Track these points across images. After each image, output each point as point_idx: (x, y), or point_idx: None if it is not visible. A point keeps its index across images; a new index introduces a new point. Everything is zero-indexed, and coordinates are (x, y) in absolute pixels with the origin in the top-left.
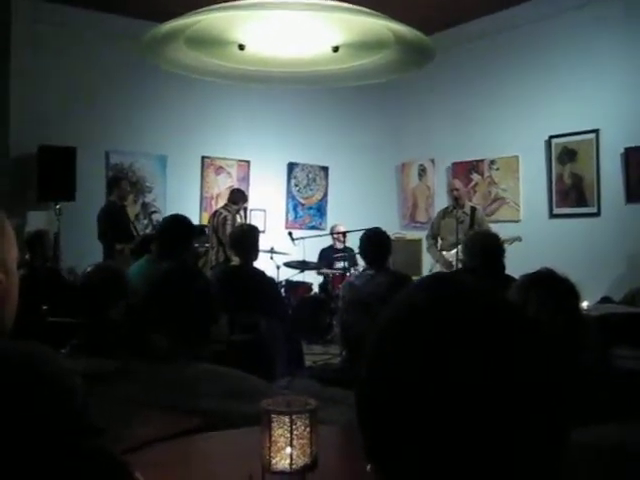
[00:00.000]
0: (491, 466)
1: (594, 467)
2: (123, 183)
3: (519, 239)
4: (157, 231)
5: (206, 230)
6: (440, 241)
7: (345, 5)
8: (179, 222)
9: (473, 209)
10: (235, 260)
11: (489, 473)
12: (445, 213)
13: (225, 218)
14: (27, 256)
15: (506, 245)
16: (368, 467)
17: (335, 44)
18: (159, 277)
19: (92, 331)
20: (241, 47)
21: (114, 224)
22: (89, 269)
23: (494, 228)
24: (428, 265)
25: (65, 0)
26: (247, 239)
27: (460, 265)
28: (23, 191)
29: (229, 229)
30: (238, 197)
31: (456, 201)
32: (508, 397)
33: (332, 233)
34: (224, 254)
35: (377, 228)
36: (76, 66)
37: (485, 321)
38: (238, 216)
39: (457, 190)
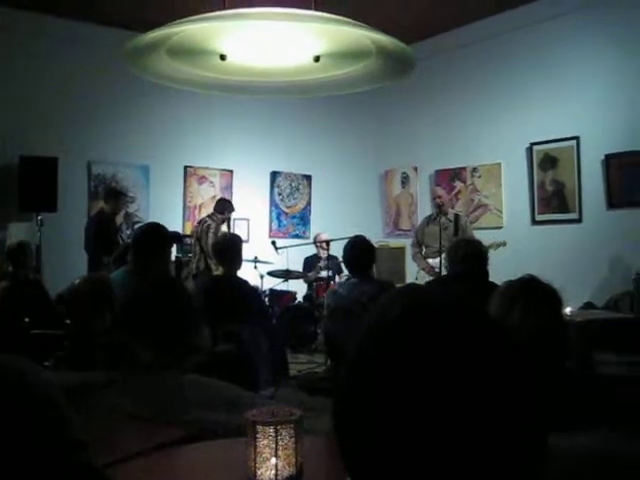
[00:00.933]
0: (467, 475)
1: (577, 474)
2: (123, 199)
3: (504, 244)
4: (132, 241)
5: (188, 240)
6: (424, 249)
7: (326, 15)
8: (153, 231)
9: (457, 216)
10: (217, 269)
11: None
12: (429, 221)
13: (209, 227)
14: (9, 268)
15: (492, 250)
16: (348, 479)
17: (316, 54)
18: (135, 290)
19: (78, 342)
20: (222, 57)
21: (102, 234)
22: (77, 280)
23: (477, 235)
24: (412, 273)
25: (47, 10)
26: (230, 249)
27: (444, 272)
28: (4, 202)
29: (212, 237)
30: (224, 206)
31: (439, 208)
32: (480, 405)
33: (315, 242)
34: (205, 262)
35: (361, 236)
36: (57, 76)
37: (457, 330)
38: (224, 225)
39: (440, 198)
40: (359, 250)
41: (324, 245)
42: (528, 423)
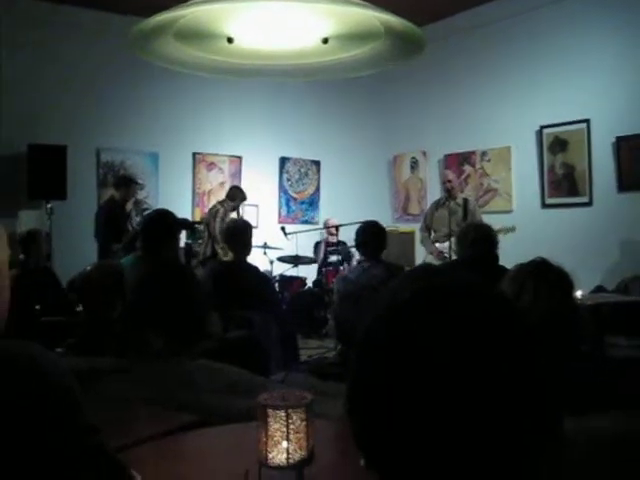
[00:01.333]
0: (480, 456)
1: (590, 456)
2: (134, 186)
3: (513, 229)
4: (141, 227)
5: (198, 226)
6: (433, 233)
7: None
8: (161, 217)
9: (465, 200)
10: (225, 255)
11: (479, 463)
12: (438, 205)
13: (217, 212)
14: (21, 256)
15: (500, 235)
16: (362, 461)
17: (324, 36)
18: (143, 278)
19: (89, 329)
20: (230, 40)
21: (113, 222)
22: (89, 268)
23: (486, 219)
24: (422, 257)
25: None
26: (240, 234)
27: (454, 256)
28: (14, 190)
29: (219, 223)
30: (235, 194)
31: (449, 192)
32: (493, 388)
33: (325, 227)
34: (212, 248)
35: (373, 220)
36: (66, 64)
37: (468, 312)
38: (235, 213)
39: (450, 182)
40: (372, 234)
41: (333, 230)
42: (541, 405)
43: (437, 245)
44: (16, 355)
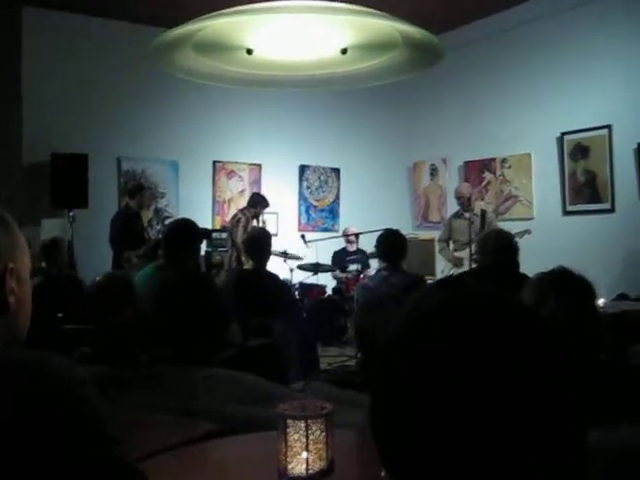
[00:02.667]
0: (506, 467)
1: (613, 467)
2: (146, 192)
3: (529, 232)
4: (162, 237)
5: (217, 234)
6: (452, 244)
7: (352, 7)
8: (183, 226)
9: (483, 212)
10: (247, 263)
11: (504, 474)
12: (456, 216)
13: (239, 220)
14: (43, 264)
15: (517, 239)
16: (382, 473)
17: (343, 46)
18: (164, 287)
19: (101, 338)
20: (249, 51)
21: (127, 230)
22: (98, 278)
23: (507, 226)
24: (442, 265)
25: (75, 8)
26: (259, 243)
27: (473, 264)
28: (37, 199)
29: (241, 231)
30: (256, 201)
31: (462, 207)
32: (521, 401)
33: (345, 235)
34: (237, 257)
35: (393, 229)
36: (86, 74)
37: (495, 323)
38: (255, 220)
39: (459, 199)
40: (392, 242)
41: (352, 238)
42: (569, 416)
43: (455, 254)
44: (34, 364)
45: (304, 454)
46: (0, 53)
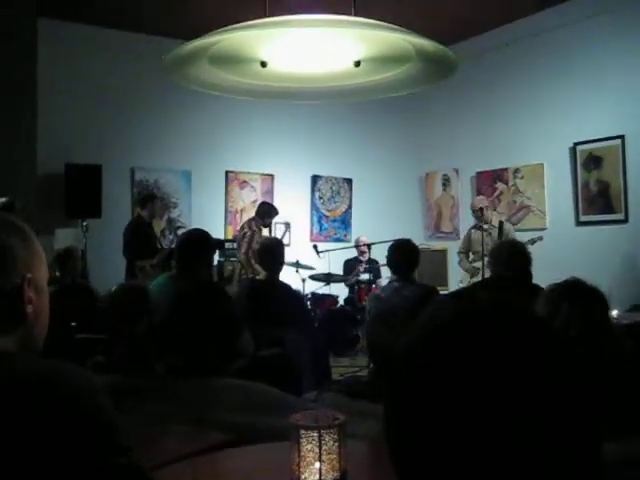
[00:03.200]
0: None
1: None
2: (157, 202)
3: (540, 238)
4: (175, 247)
5: (229, 244)
6: (472, 255)
7: (365, 20)
8: (197, 237)
9: (501, 223)
10: (256, 275)
11: None
12: (474, 227)
13: (244, 234)
14: (57, 273)
15: (529, 246)
16: None
17: (357, 59)
18: (177, 297)
19: (115, 348)
20: (263, 64)
21: (140, 239)
22: (114, 288)
23: (520, 237)
24: (456, 275)
25: (89, 20)
26: (272, 252)
27: (487, 275)
28: (51, 209)
29: (245, 247)
30: (265, 211)
31: (479, 219)
32: (537, 413)
33: (357, 245)
34: (245, 271)
35: (405, 239)
36: (100, 85)
37: (508, 335)
38: (267, 230)
39: (474, 212)
40: (403, 252)
41: (364, 248)
42: (583, 427)
43: (474, 264)
44: (48, 374)
45: (317, 464)
46: (15, 64)
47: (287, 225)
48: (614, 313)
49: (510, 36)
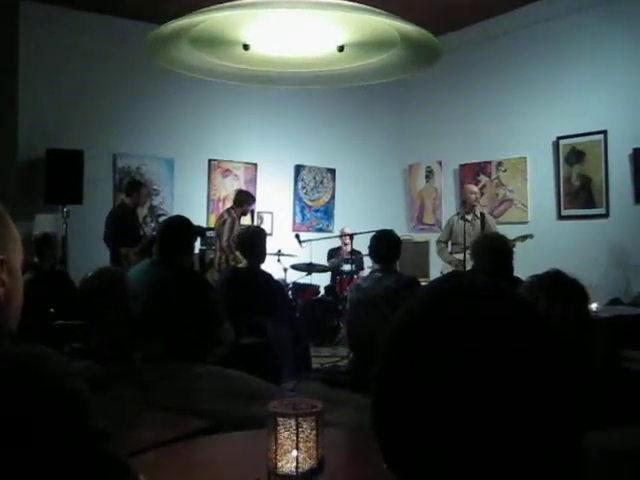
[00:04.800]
0: (505, 468)
1: (604, 472)
2: (143, 190)
3: (531, 236)
4: (157, 233)
5: (211, 233)
6: (450, 246)
7: (350, 4)
8: (178, 224)
9: (482, 215)
10: (236, 263)
11: (502, 471)
12: (458, 217)
13: (224, 222)
14: (35, 259)
15: (518, 242)
16: (384, 465)
17: (340, 43)
18: (157, 283)
19: (92, 334)
20: (245, 47)
21: (123, 226)
22: (90, 273)
23: (503, 230)
24: (437, 267)
25: (71, 4)
26: (255, 242)
27: (468, 267)
28: (31, 194)
29: (227, 234)
30: (242, 199)
31: (465, 204)
32: (523, 397)
33: (339, 235)
34: (225, 257)
35: (388, 229)
36: (83, 69)
37: (498, 317)
38: (247, 219)
39: (474, 193)
40: (385, 243)
41: (347, 240)
42: (571, 415)
43: (455, 256)
44: (26, 358)
45: (294, 452)
46: None
47: (258, 215)
48: (594, 306)
49: (495, 29)
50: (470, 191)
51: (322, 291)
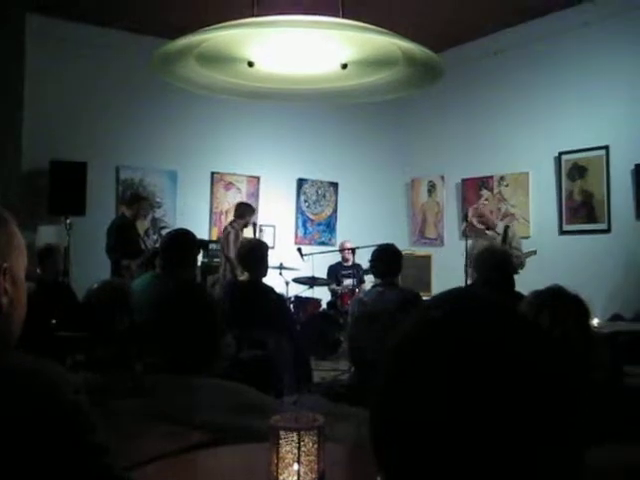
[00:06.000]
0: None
1: None
2: (144, 203)
3: (534, 252)
4: (160, 246)
5: (213, 245)
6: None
7: (353, 23)
8: (182, 237)
9: (506, 227)
10: (242, 275)
11: None
12: (479, 236)
13: (228, 234)
14: (38, 270)
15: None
16: (379, 478)
17: (344, 61)
18: (160, 296)
19: (95, 346)
20: (250, 64)
21: (124, 238)
22: (94, 286)
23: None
24: (438, 281)
25: (77, 17)
26: (256, 255)
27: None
28: (34, 205)
29: (232, 246)
30: (244, 211)
31: (484, 223)
32: (527, 413)
33: (341, 249)
34: (230, 270)
35: (389, 244)
36: (87, 82)
37: (503, 335)
38: (249, 231)
39: (481, 217)
40: (387, 258)
41: (348, 255)
42: (576, 431)
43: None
44: (28, 371)
45: (295, 466)
46: (3, 60)
47: (254, 225)
48: (595, 322)
49: (498, 45)
50: (488, 209)
51: (324, 305)
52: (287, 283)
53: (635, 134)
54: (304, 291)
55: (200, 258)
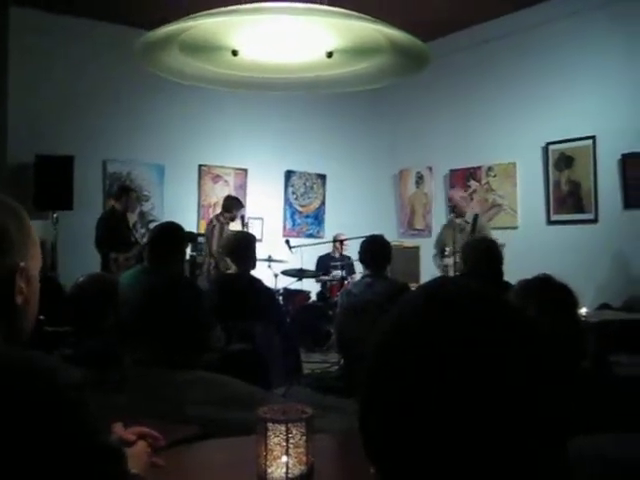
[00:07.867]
0: (491, 471)
1: (592, 477)
2: (133, 195)
3: (502, 246)
4: (148, 240)
5: (201, 239)
6: (446, 250)
7: (339, 10)
8: (170, 230)
9: (475, 216)
10: (226, 269)
11: (490, 474)
12: (448, 223)
13: (213, 227)
14: None
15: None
16: (372, 470)
17: (329, 49)
18: (148, 290)
19: (82, 340)
20: (234, 53)
21: (113, 231)
22: (81, 279)
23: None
24: (426, 272)
25: (61, 10)
26: (244, 247)
27: (457, 272)
28: (20, 200)
29: (216, 240)
30: (231, 205)
31: (454, 210)
32: (509, 400)
33: (330, 241)
34: (214, 263)
35: (378, 235)
36: (73, 75)
37: (491, 324)
38: (237, 224)
39: (450, 200)
40: (376, 248)
41: (337, 245)
42: (559, 420)
43: (444, 260)
44: (36, 367)
45: (284, 458)
46: None
47: (242, 218)
48: (583, 311)
49: (484, 35)
50: (459, 196)
51: (313, 297)
52: (276, 275)
53: (622, 124)
54: (292, 283)
55: (189, 251)
